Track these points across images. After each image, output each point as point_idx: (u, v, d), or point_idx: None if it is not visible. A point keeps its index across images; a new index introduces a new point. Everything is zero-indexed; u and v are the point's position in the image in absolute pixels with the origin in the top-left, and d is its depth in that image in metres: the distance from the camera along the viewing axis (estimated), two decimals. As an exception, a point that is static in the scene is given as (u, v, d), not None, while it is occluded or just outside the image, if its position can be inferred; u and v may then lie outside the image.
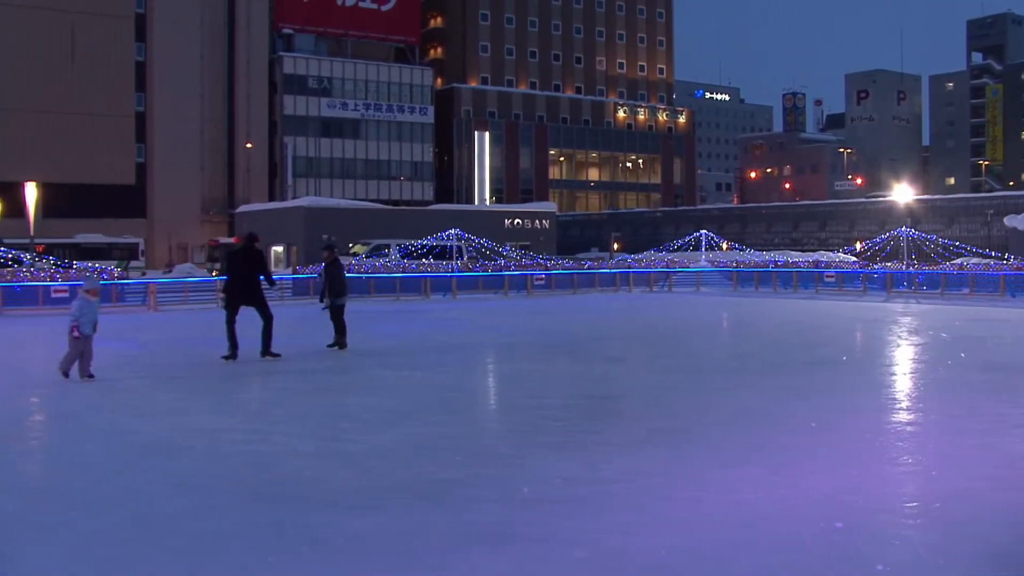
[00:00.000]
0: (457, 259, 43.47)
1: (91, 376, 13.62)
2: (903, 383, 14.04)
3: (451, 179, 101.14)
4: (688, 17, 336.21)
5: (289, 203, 66.71)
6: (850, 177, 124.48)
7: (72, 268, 34.43)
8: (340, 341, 17.98)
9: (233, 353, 16.17)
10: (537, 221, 64.23)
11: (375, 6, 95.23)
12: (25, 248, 40.42)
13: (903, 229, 41.00)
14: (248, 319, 16.40)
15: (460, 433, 10.18)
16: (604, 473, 8.16)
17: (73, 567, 5.87)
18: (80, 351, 13.57)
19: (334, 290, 18.09)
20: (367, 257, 45.24)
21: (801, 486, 7.65)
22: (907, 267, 38.99)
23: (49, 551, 6.19)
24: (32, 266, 34.04)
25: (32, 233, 47.48)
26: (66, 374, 13.58)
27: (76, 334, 13.43)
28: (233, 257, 16.78)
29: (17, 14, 77.38)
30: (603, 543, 6.17)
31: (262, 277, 16.68)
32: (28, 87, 77.57)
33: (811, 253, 56.39)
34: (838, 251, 57.91)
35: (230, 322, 16.31)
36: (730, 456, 8.80)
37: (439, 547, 6.12)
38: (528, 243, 57.04)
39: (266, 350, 16.44)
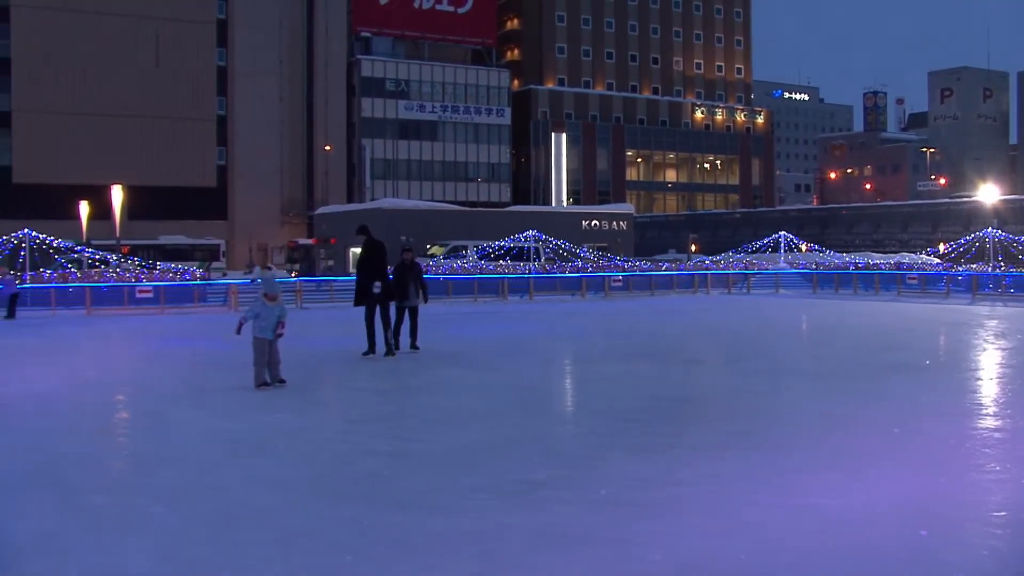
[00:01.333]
0: (534, 260, 43.47)
1: (282, 381, 13.13)
2: (989, 388, 13.73)
3: (528, 180, 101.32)
4: (766, 16, 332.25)
5: (367, 205, 67.28)
6: (933, 177, 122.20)
7: (156, 269, 35.09)
8: (411, 342, 18.01)
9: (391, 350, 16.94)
10: (614, 222, 63.98)
11: (452, 8, 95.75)
12: (111, 249, 41.33)
13: (989, 230, 40.08)
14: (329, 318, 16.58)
15: (537, 434, 10.18)
16: (681, 476, 8.10)
17: (156, 559, 6.00)
18: (265, 357, 12.98)
19: (418, 292, 18.16)
20: (445, 258, 45.44)
21: (883, 492, 7.52)
22: (993, 269, 38.14)
23: (134, 543, 6.33)
24: (118, 267, 34.77)
25: (118, 235, 48.56)
26: (265, 383, 12.97)
27: (239, 327, 13.05)
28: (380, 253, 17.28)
29: (105, 22, 79.20)
30: (679, 546, 6.13)
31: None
32: (115, 93, 79.36)
33: (893, 255, 55.42)
34: (921, 253, 56.82)
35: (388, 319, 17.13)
36: (810, 460, 8.69)
37: (516, 548, 6.13)
38: (605, 244, 56.82)
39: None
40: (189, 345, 21.15)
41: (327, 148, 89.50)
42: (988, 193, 72.22)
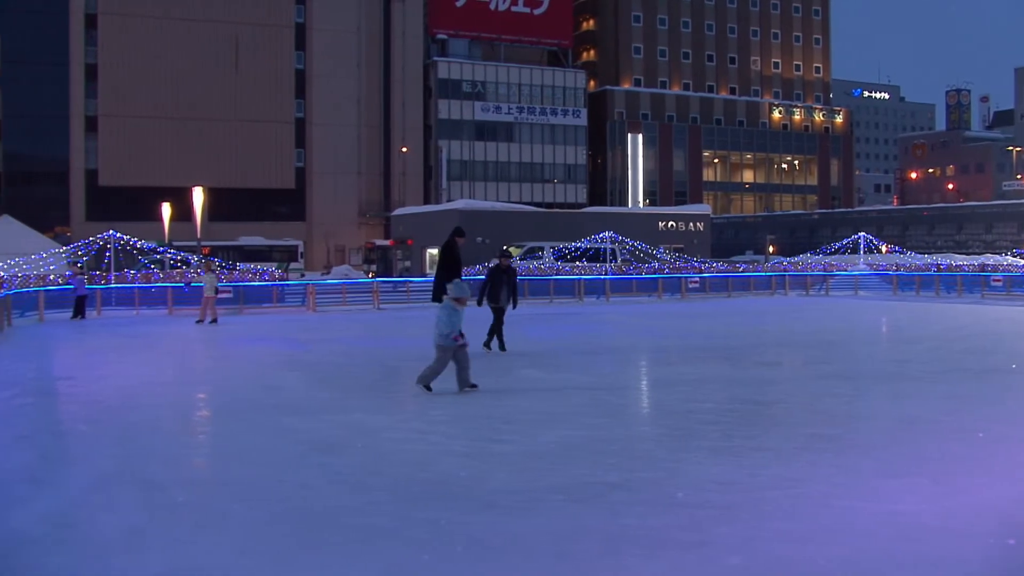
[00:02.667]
0: (611, 262, 43.36)
1: (473, 386, 12.93)
2: (1078, 392, 13.40)
3: (604, 182, 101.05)
4: (845, 14, 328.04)
5: (444, 206, 67.65)
6: (1019, 177, 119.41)
7: (235, 270, 35.63)
8: (500, 343, 18.31)
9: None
10: (691, 224, 63.63)
11: (528, 10, 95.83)
12: (192, 250, 42.04)
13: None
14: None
15: (614, 436, 10.14)
16: (760, 479, 8.01)
17: (235, 556, 6.09)
18: (445, 366, 12.74)
19: (512, 296, 18.56)
20: (521, 259, 45.54)
21: (968, 499, 7.37)
22: (1082, 271, 37.19)
23: (214, 539, 6.43)
24: (199, 267, 35.34)
25: (199, 236, 49.29)
26: (428, 388, 12.77)
27: (461, 341, 12.57)
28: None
29: (186, 28, 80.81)
30: (758, 551, 6.06)
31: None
32: (195, 97, 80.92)
33: (976, 256, 54.37)
34: (1006, 254, 55.63)
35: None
36: (892, 465, 8.53)
37: (594, 551, 6.12)
38: (682, 246, 56.60)
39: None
40: (268, 346, 21.44)
41: (404, 150, 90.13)
42: (1077, 193, 70.39)
